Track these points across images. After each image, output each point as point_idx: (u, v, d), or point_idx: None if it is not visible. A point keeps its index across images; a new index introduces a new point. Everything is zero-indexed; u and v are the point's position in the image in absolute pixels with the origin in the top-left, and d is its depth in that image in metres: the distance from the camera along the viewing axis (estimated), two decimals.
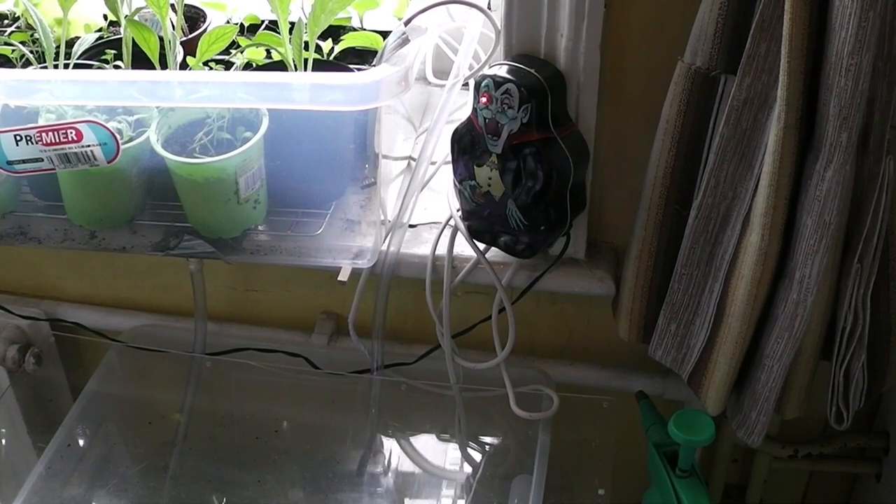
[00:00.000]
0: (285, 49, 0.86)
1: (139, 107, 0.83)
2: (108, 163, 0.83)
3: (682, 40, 0.76)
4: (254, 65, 0.89)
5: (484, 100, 0.79)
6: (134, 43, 0.86)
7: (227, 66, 0.90)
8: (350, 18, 0.95)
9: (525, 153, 0.79)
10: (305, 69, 0.86)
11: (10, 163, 0.83)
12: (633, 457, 1.01)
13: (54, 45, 0.87)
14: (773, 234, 0.75)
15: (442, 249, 0.92)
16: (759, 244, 0.76)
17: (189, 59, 0.87)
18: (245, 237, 0.89)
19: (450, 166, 0.87)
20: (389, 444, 1.05)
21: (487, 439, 1.04)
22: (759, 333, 0.84)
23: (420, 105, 1.05)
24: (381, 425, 1.06)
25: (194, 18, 0.96)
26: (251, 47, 0.89)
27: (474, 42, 0.93)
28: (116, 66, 0.89)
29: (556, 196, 0.81)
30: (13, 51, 0.91)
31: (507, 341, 0.91)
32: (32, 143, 0.81)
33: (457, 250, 0.92)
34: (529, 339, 1.03)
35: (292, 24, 0.86)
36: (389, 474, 1.01)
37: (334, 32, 0.92)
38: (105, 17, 0.98)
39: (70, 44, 0.89)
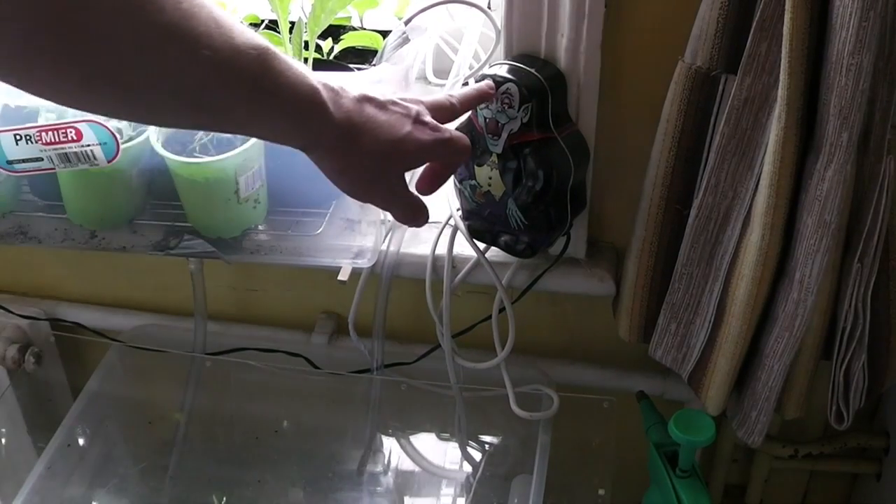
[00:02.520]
0: (285, 48, 0.86)
1: None
2: (108, 162, 0.83)
3: (683, 40, 0.76)
4: None
5: None
6: None
7: None
8: (350, 18, 0.95)
9: (525, 153, 0.79)
10: None
11: (10, 162, 0.83)
12: (634, 457, 1.01)
13: None
14: (773, 234, 0.75)
15: (442, 249, 0.92)
16: (759, 244, 0.76)
17: None
18: (245, 237, 0.89)
19: None
20: (389, 444, 1.05)
21: (487, 439, 1.04)
22: (760, 333, 0.84)
23: None
24: (381, 425, 1.06)
25: None
26: None
27: (474, 42, 0.92)
28: None
29: (557, 196, 0.81)
30: None
31: (507, 341, 0.91)
32: (32, 142, 0.81)
33: (457, 250, 0.92)
34: (529, 339, 1.03)
35: (292, 23, 0.86)
36: (389, 474, 1.01)
37: (334, 32, 0.92)
38: None
39: None
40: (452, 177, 0.88)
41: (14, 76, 0.49)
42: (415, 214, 0.71)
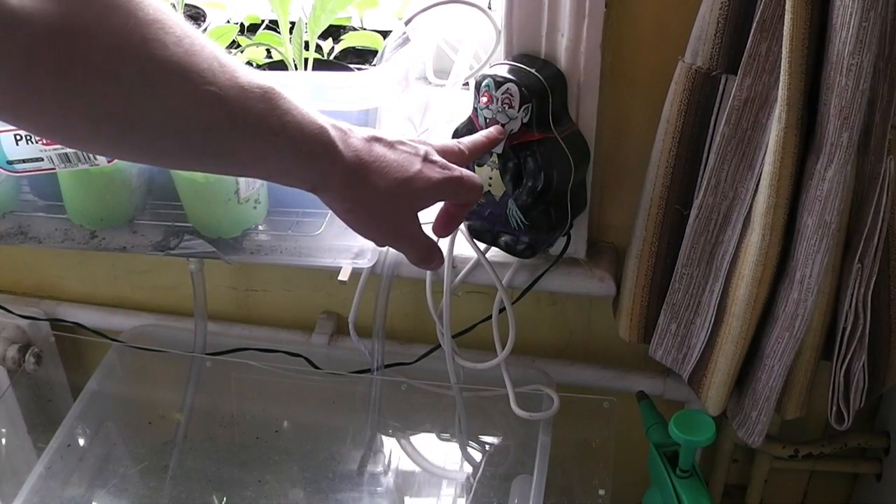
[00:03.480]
0: (285, 48, 0.86)
1: None
2: (109, 162, 0.83)
3: (683, 40, 0.76)
4: (254, 64, 0.89)
5: (485, 99, 0.79)
6: None
7: None
8: (350, 18, 0.95)
9: (525, 153, 0.79)
10: (306, 69, 0.86)
11: (10, 162, 0.83)
12: (634, 457, 1.01)
13: None
14: (773, 234, 0.75)
15: (442, 250, 0.92)
16: (759, 244, 0.76)
17: None
18: (245, 237, 0.88)
19: None
20: (389, 444, 1.05)
21: (487, 439, 1.04)
22: (760, 333, 0.84)
23: (420, 105, 1.05)
24: (381, 425, 1.06)
25: (194, 18, 0.96)
26: (251, 47, 0.89)
27: (474, 42, 0.92)
28: None
29: (557, 196, 0.81)
30: None
31: (508, 341, 0.91)
32: (32, 142, 0.81)
33: (457, 250, 0.92)
34: (530, 339, 1.03)
35: (292, 23, 0.86)
36: (390, 474, 1.01)
37: (334, 32, 0.92)
38: None
39: None
40: None
41: (20, 117, 0.49)
42: (429, 255, 0.71)
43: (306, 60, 0.86)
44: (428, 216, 0.97)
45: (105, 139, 0.52)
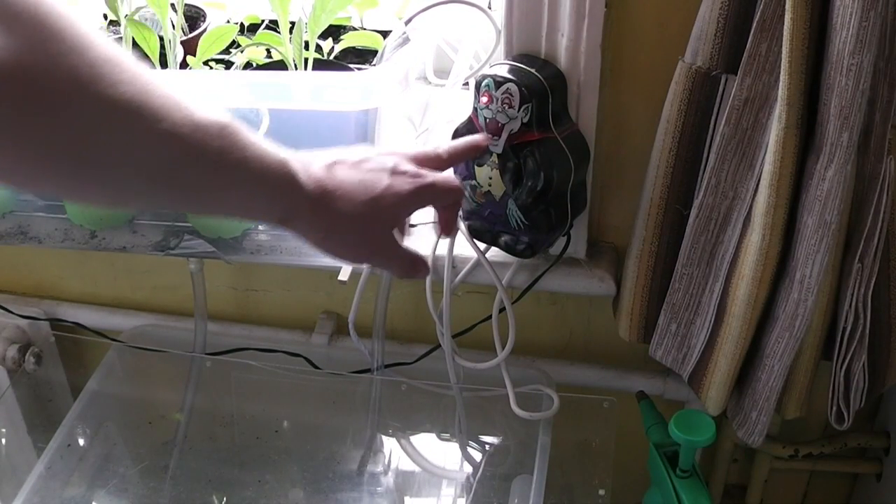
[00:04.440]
0: (285, 48, 0.86)
1: None
2: None
3: (683, 40, 0.76)
4: (254, 64, 0.89)
5: (485, 99, 0.79)
6: (134, 42, 0.86)
7: (228, 65, 0.90)
8: (350, 18, 0.95)
9: (525, 153, 0.79)
10: (306, 69, 0.86)
11: None
12: (634, 457, 1.01)
13: None
14: (773, 234, 0.75)
15: (442, 249, 0.92)
16: (759, 244, 0.76)
17: (189, 59, 0.87)
18: (245, 237, 0.89)
19: None
20: (389, 444, 1.05)
21: (487, 439, 1.04)
22: (760, 333, 0.84)
23: (420, 105, 1.05)
24: (381, 425, 1.06)
25: (194, 18, 0.96)
26: (251, 47, 0.89)
27: (474, 42, 0.92)
28: None
29: (557, 196, 0.81)
30: None
31: (508, 341, 0.91)
32: None
33: (457, 250, 0.92)
34: (530, 339, 1.03)
35: (292, 23, 0.86)
36: (390, 474, 1.01)
37: (334, 32, 0.92)
38: (105, 16, 0.98)
39: None
40: None
41: None
42: (413, 268, 0.70)
43: (306, 60, 0.86)
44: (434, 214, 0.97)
45: (63, 179, 0.51)
